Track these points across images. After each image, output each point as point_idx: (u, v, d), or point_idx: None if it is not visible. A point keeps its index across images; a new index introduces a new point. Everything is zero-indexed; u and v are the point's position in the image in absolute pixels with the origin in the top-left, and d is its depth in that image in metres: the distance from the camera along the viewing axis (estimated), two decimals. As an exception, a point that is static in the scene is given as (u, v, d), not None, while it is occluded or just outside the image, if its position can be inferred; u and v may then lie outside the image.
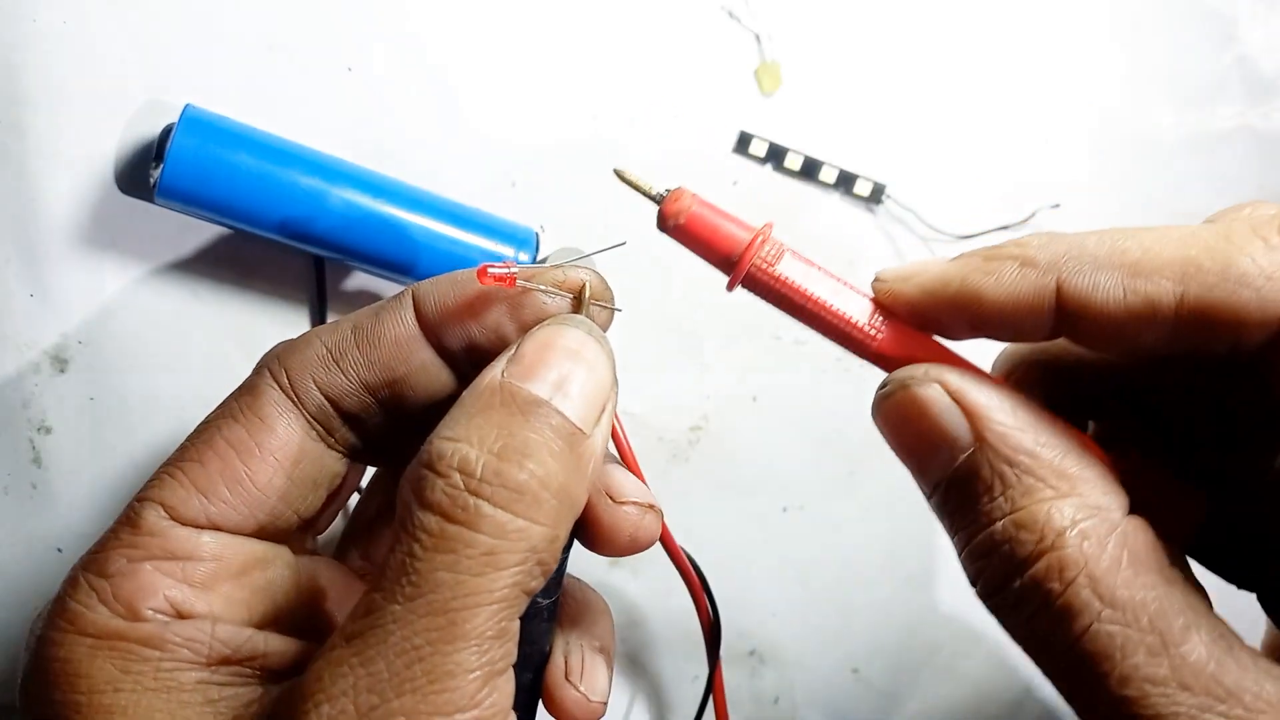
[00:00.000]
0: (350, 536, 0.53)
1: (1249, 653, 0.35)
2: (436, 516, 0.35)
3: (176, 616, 0.39)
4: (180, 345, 0.66)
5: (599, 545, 0.43)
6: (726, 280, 0.43)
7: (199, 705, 0.37)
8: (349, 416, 0.44)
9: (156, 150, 0.61)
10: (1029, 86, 0.73)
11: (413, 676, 0.34)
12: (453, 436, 0.36)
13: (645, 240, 0.46)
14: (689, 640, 0.72)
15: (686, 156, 0.71)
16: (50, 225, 0.63)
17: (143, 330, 0.65)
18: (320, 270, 0.66)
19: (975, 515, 0.37)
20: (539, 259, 0.66)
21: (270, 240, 0.61)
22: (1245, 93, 0.75)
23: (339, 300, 0.67)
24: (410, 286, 0.44)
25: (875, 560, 0.75)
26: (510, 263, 0.42)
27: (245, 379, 0.44)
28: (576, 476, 0.38)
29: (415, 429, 0.43)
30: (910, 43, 0.72)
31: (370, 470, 0.52)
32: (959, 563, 0.39)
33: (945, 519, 0.39)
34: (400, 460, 0.50)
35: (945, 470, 0.38)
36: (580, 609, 0.49)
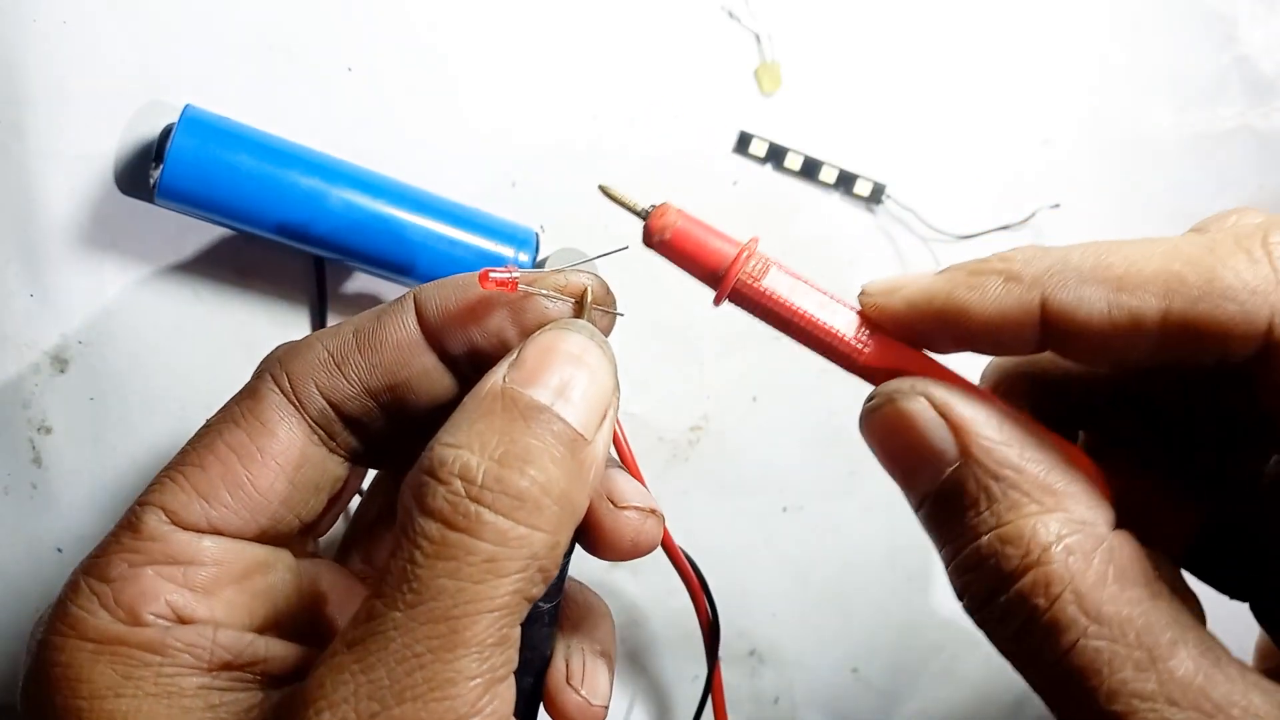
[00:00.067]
0: (351, 539, 0.53)
1: (1237, 666, 0.35)
2: (438, 523, 0.35)
3: (178, 621, 0.39)
4: (180, 345, 0.66)
5: (600, 550, 0.43)
6: (713, 296, 0.42)
7: (200, 710, 0.37)
8: (350, 420, 0.44)
9: (156, 150, 0.61)
10: (1029, 86, 0.73)
11: (414, 684, 0.34)
12: (454, 443, 0.36)
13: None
14: (689, 640, 0.72)
15: (686, 156, 0.71)
16: (50, 225, 0.63)
17: (143, 330, 0.65)
18: (321, 271, 0.66)
19: (961, 529, 0.37)
20: (539, 259, 0.66)
21: (270, 241, 0.61)
22: (1245, 93, 0.75)
23: (339, 301, 0.67)
24: (412, 290, 0.44)
25: (875, 560, 0.76)
26: (512, 267, 0.42)
27: (246, 383, 0.44)
28: (578, 483, 0.38)
29: (417, 432, 0.43)
30: (910, 43, 0.72)
31: (371, 472, 0.52)
32: (946, 576, 0.39)
33: (932, 533, 0.39)
34: (402, 464, 0.50)
35: (932, 484, 0.38)
36: (581, 612, 0.49)
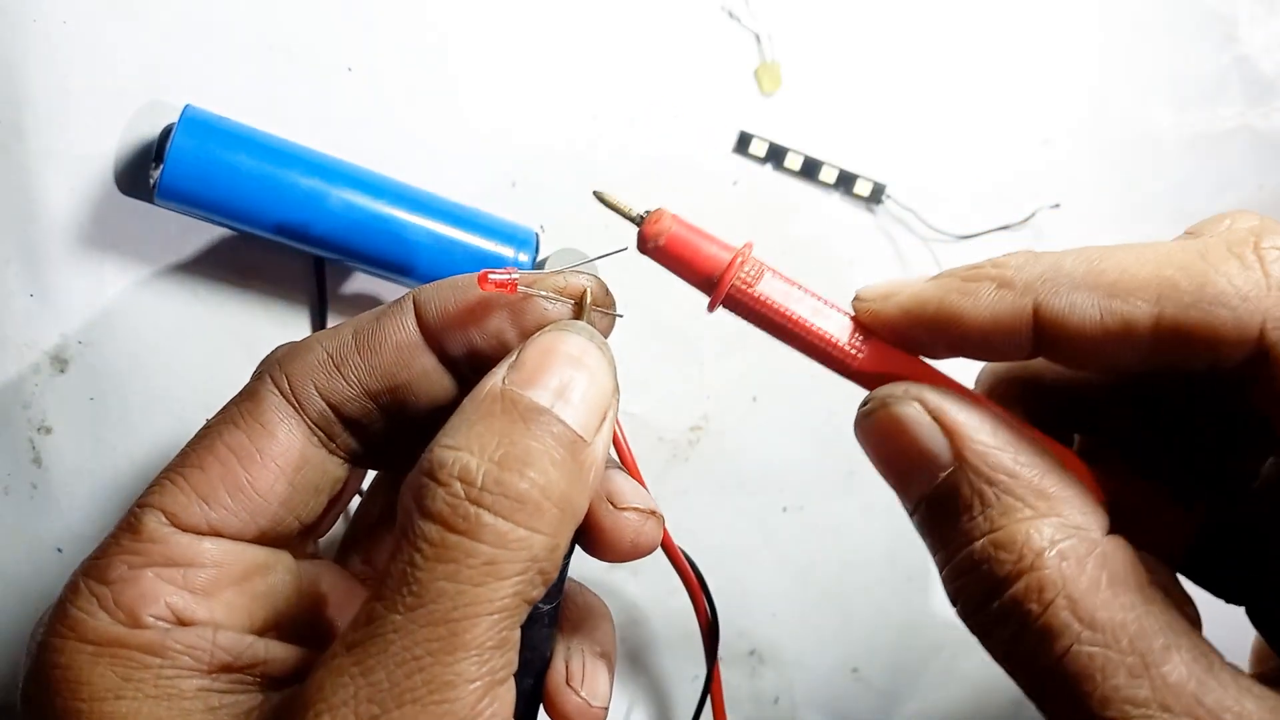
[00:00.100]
0: (352, 540, 0.53)
1: (1230, 671, 0.35)
2: (437, 526, 0.35)
3: (177, 623, 0.39)
4: (180, 345, 0.66)
5: (600, 551, 0.43)
6: (707, 301, 0.42)
7: (200, 713, 0.37)
8: (350, 422, 0.43)
9: (156, 151, 0.61)
10: (1029, 86, 0.73)
11: (413, 687, 0.34)
12: (453, 445, 0.36)
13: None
14: (689, 640, 0.72)
15: (686, 156, 0.71)
16: (50, 225, 0.63)
17: (143, 330, 0.65)
18: (321, 271, 0.66)
19: (955, 534, 0.37)
20: (539, 259, 0.66)
21: (270, 241, 0.61)
22: (1245, 93, 0.75)
23: (339, 301, 0.67)
24: (411, 291, 0.44)
25: (875, 560, 0.76)
26: (511, 268, 0.42)
27: (246, 384, 0.44)
28: (578, 485, 0.38)
29: (416, 434, 0.42)
30: (910, 43, 0.72)
31: (371, 473, 0.52)
32: (940, 581, 0.39)
33: (926, 537, 0.39)
34: (402, 465, 0.50)
35: (926, 488, 0.38)
36: (582, 614, 0.49)
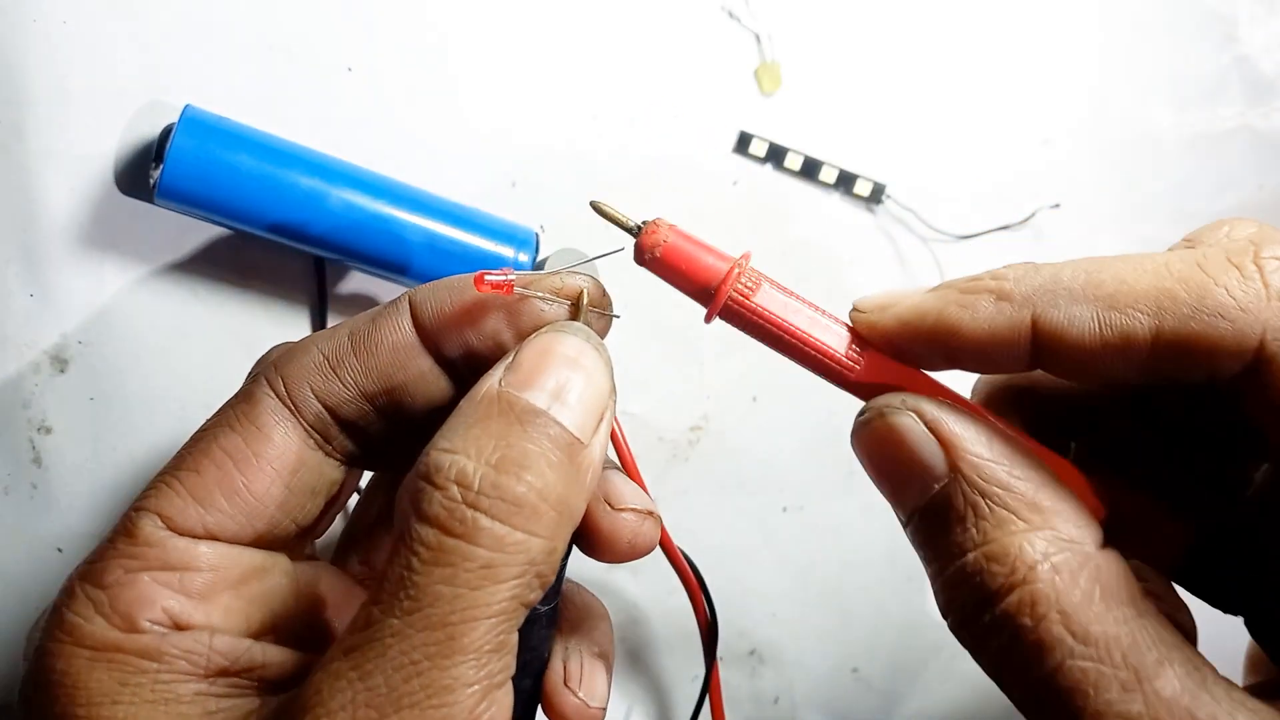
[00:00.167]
0: (349, 541, 0.53)
1: (1223, 685, 0.35)
2: (434, 529, 0.35)
3: (174, 628, 0.39)
4: (180, 345, 0.66)
5: (597, 552, 0.43)
6: (705, 312, 0.42)
7: (197, 717, 0.37)
8: (347, 424, 0.43)
9: (156, 151, 0.61)
10: (1029, 86, 0.73)
11: (411, 691, 0.33)
12: (450, 448, 0.36)
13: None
14: (689, 640, 0.72)
15: (686, 156, 0.71)
16: (50, 225, 0.63)
17: (143, 331, 0.65)
18: (320, 271, 0.66)
19: (948, 546, 0.37)
20: (538, 259, 0.66)
21: (270, 241, 0.61)
22: (1245, 93, 0.75)
23: (339, 301, 0.67)
24: (406, 292, 0.44)
25: (875, 560, 0.76)
26: (507, 269, 0.42)
27: (241, 387, 0.44)
28: (575, 487, 0.37)
29: (413, 435, 0.42)
30: (910, 43, 0.72)
31: (368, 474, 0.52)
32: (933, 593, 0.39)
33: (920, 548, 0.39)
34: (399, 466, 0.49)
35: (920, 500, 0.38)
36: (580, 614, 0.49)
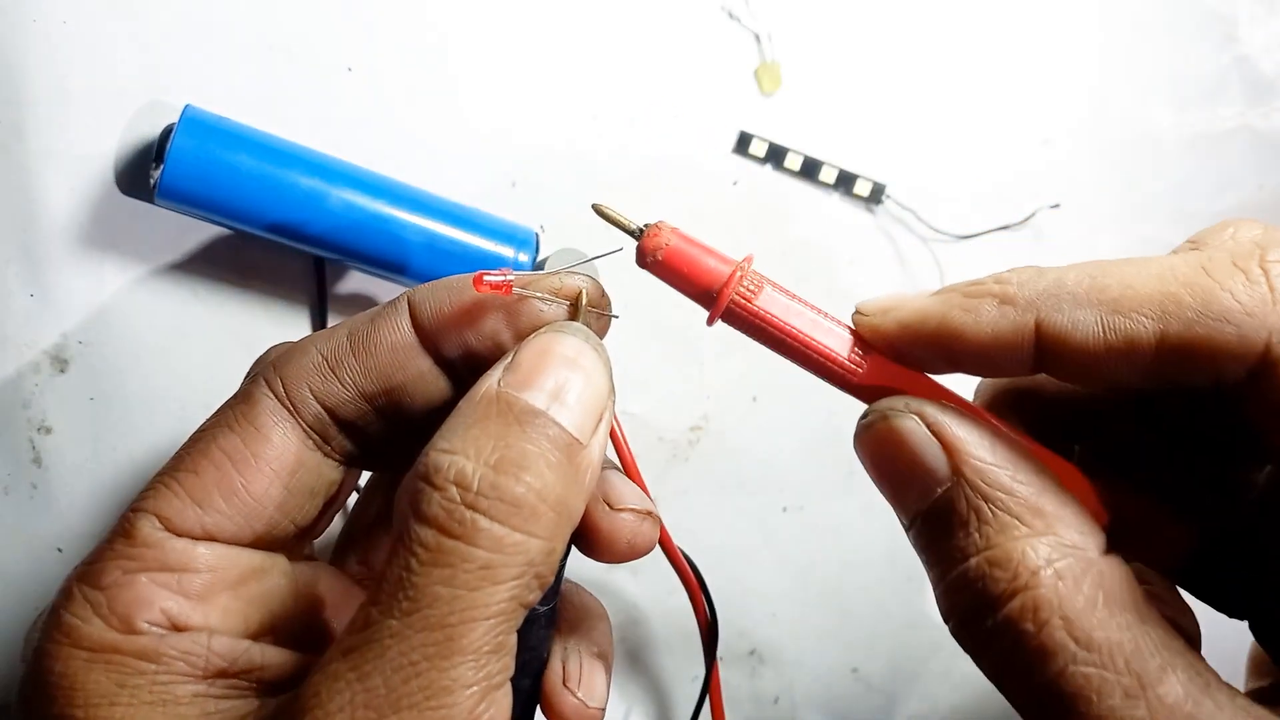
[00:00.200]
0: (348, 542, 0.53)
1: (1226, 691, 0.35)
2: (433, 530, 0.35)
3: (172, 629, 0.39)
4: (180, 345, 0.66)
5: (596, 552, 0.43)
6: (707, 315, 0.42)
7: (195, 718, 0.37)
8: (345, 424, 0.43)
9: (156, 151, 0.61)
10: (1029, 86, 0.73)
11: (410, 692, 0.33)
12: (449, 448, 0.36)
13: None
14: (688, 640, 0.72)
15: (686, 156, 0.71)
16: (50, 225, 0.63)
17: (143, 330, 0.65)
18: (320, 271, 0.66)
19: (950, 550, 0.37)
20: (539, 259, 0.66)
21: (270, 241, 0.61)
22: (1245, 93, 0.74)
23: (339, 301, 0.67)
24: (405, 293, 0.44)
25: (875, 560, 0.76)
26: (506, 270, 0.42)
27: (240, 387, 0.44)
28: (574, 488, 0.37)
29: (412, 435, 0.42)
30: (910, 43, 0.72)
31: (366, 474, 0.52)
32: (934, 597, 0.39)
33: (921, 552, 0.39)
34: (397, 466, 0.49)
35: (922, 503, 0.38)
36: (579, 614, 0.49)
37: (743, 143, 0.71)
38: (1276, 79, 0.74)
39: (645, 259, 0.42)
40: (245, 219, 0.60)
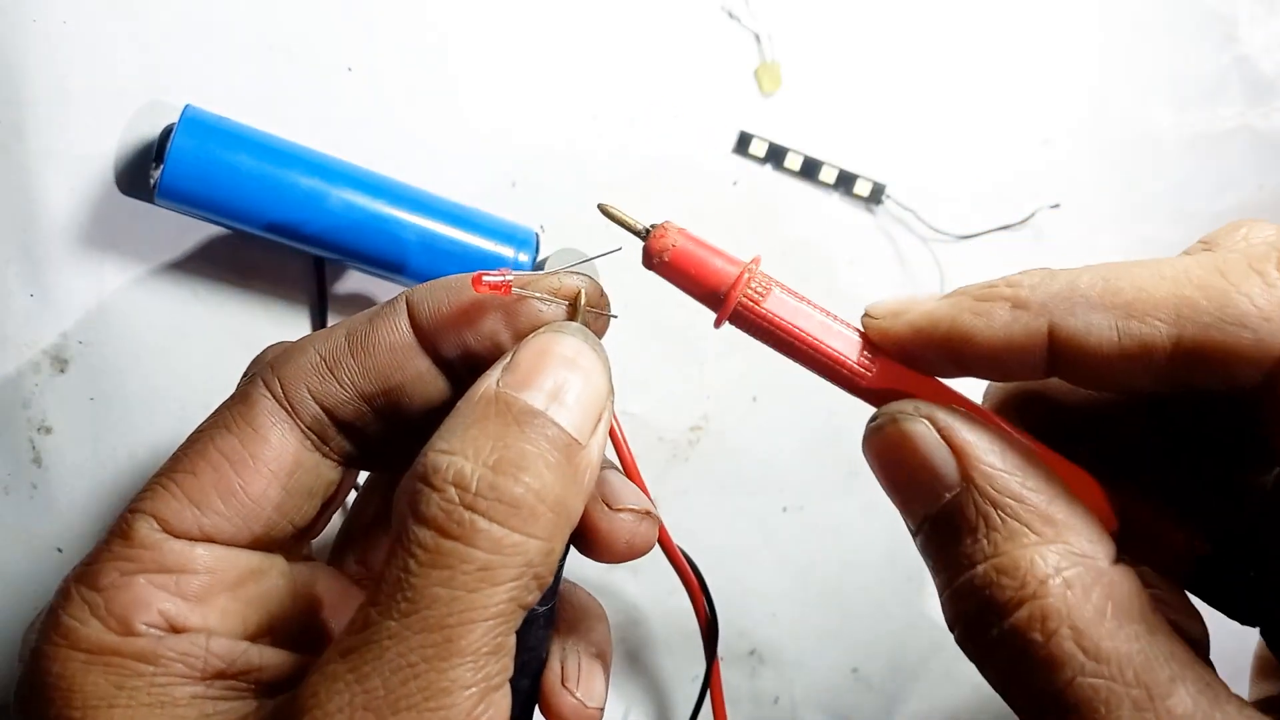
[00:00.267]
0: (345, 542, 0.53)
1: (1235, 703, 0.34)
2: (432, 531, 0.35)
3: (170, 631, 0.39)
4: (180, 345, 0.66)
5: (595, 552, 0.43)
6: (714, 317, 0.42)
7: None
8: (344, 425, 0.43)
9: (156, 151, 0.61)
10: (1029, 86, 0.73)
11: (408, 694, 0.33)
12: (447, 449, 0.36)
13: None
14: (689, 640, 0.72)
15: (686, 156, 0.71)
16: (50, 225, 0.63)
17: (143, 330, 0.65)
18: (320, 271, 0.66)
19: (957, 557, 0.37)
20: (539, 259, 0.66)
21: (270, 241, 0.61)
22: (1245, 93, 0.74)
23: (339, 301, 0.67)
24: (403, 292, 0.44)
25: (875, 560, 0.76)
26: (505, 270, 0.42)
27: (238, 388, 0.43)
28: (573, 488, 0.37)
29: (410, 435, 0.42)
30: (910, 43, 0.72)
31: (364, 473, 0.52)
32: (940, 604, 0.38)
33: (928, 558, 0.39)
34: (395, 465, 0.49)
35: (931, 508, 0.38)
36: (577, 614, 0.49)
37: (743, 143, 0.71)
38: (1276, 79, 0.74)
39: (652, 260, 0.42)
40: (245, 219, 0.60)
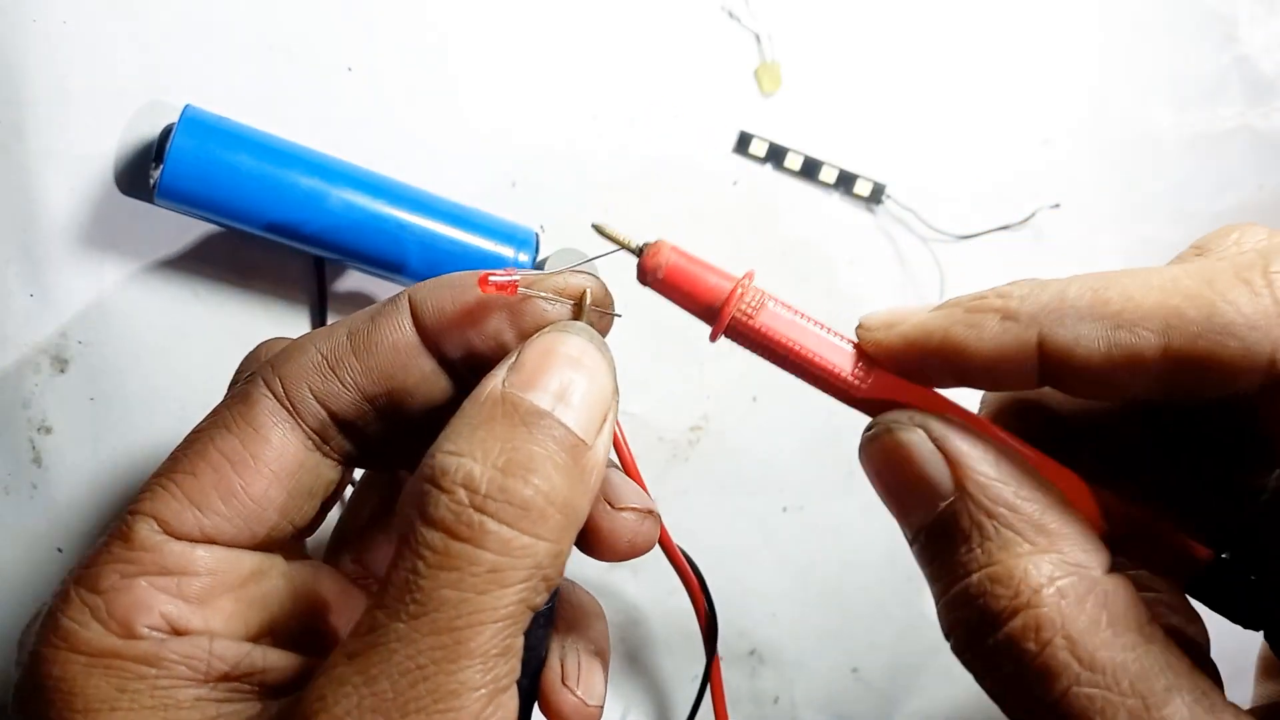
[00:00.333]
0: (341, 540, 0.52)
1: (1231, 711, 0.34)
2: (441, 533, 0.34)
3: (172, 633, 0.38)
4: (180, 345, 0.66)
5: (597, 551, 0.43)
6: (710, 331, 0.42)
7: None
8: (345, 424, 0.43)
9: (156, 151, 0.60)
10: (1029, 86, 0.73)
11: (417, 696, 0.33)
12: (455, 450, 0.36)
13: (647, 238, 0.46)
14: (689, 640, 0.72)
15: (686, 156, 0.71)
16: (50, 225, 0.63)
17: (142, 330, 0.65)
18: (320, 270, 0.66)
19: (952, 565, 0.37)
20: (538, 259, 0.66)
21: (270, 240, 0.61)
22: (1245, 93, 0.74)
23: (338, 301, 0.67)
24: (405, 291, 0.43)
25: (875, 560, 0.76)
26: (511, 270, 0.42)
27: (237, 387, 0.43)
28: (580, 489, 0.37)
29: (411, 434, 0.42)
30: (910, 43, 0.72)
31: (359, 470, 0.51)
32: (936, 614, 0.38)
33: (925, 567, 0.39)
34: (394, 464, 0.49)
35: (926, 517, 0.38)
36: (576, 613, 0.48)
37: (743, 143, 0.71)
38: (1276, 79, 0.74)
39: (646, 277, 0.42)
40: (245, 219, 0.60)
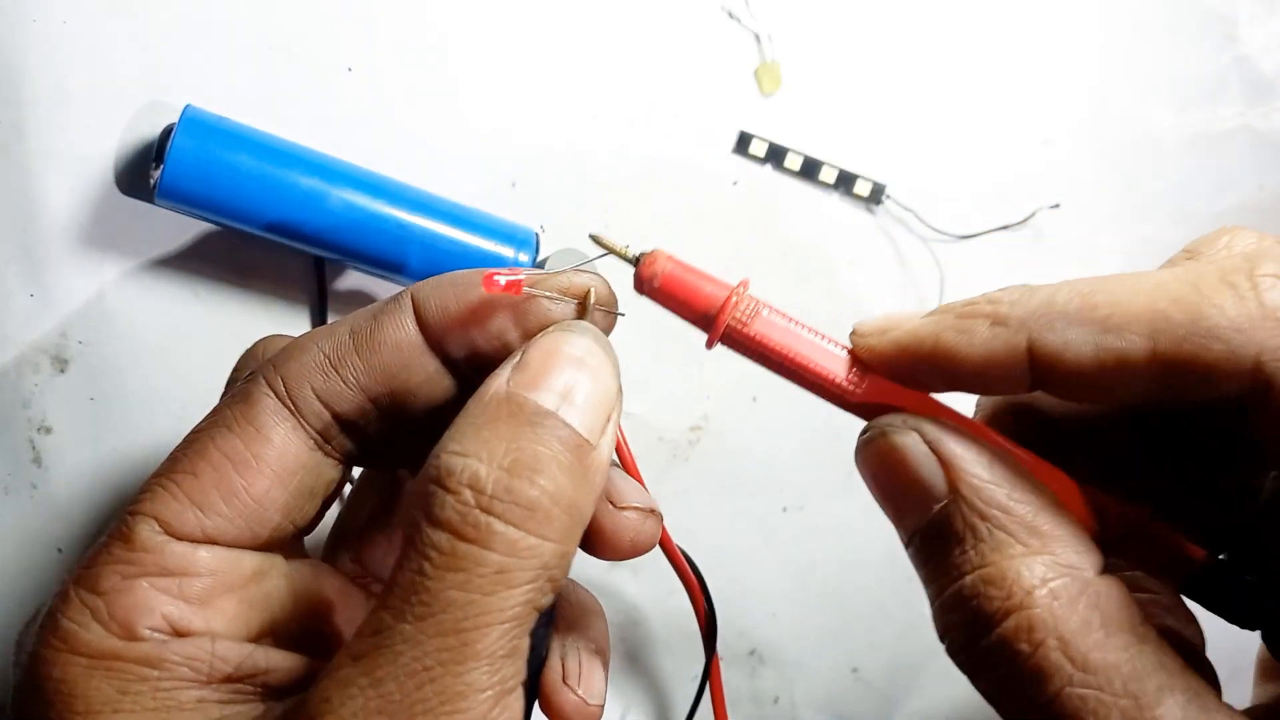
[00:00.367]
0: (340, 539, 0.52)
1: (1225, 712, 0.34)
2: (447, 534, 0.34)
3: (174, 634, 0.38)
4: (180, 345, 0.65)
5: (599, 550, 0.43)
6: (706, 338, 0.43)
7: None
8: (347, 423, 0.42)
9: (156, 151, 0.60)
10: (1029, 86, 0.73)
11: (424, 698, 0.33)
12: (461, 451, 0.36)
13: (646, 242, 0.46)
14: (688, 640, 0.72)
15: (686, 156, 0.71)
16: (50, 225, 0.63)
17: (143, 330, 0.65)
18: (320, 270, 0.66)
19: (946, 567, 0.37)
20: (538, 259, 0.66)
21: (270, 240, 0.61)
22: (1245, 93, 0.75)
23: (339, 300, 0.67)
24: (408, 289, 0.43)
25: (875, 560, 0.76)
26: (516, 269, 0.42)
27: (237, 386, 0.43)
28: (585, 490, 0.37)
29: (413, 433, 0.42)
30: (910, 43, 0.72)
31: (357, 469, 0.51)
32: (931, 616, 0.39)
33: (920, 569, 0.39)
34: (396, 463, 0.49)
35: (921, 520, 0.38)
36: (576, 612, 0.48)
37: (743, 143, 0.71)
38: (1276, 79, 0.74)
39: (642, 287, 0.43)
40: (245, 219, 0.60)
